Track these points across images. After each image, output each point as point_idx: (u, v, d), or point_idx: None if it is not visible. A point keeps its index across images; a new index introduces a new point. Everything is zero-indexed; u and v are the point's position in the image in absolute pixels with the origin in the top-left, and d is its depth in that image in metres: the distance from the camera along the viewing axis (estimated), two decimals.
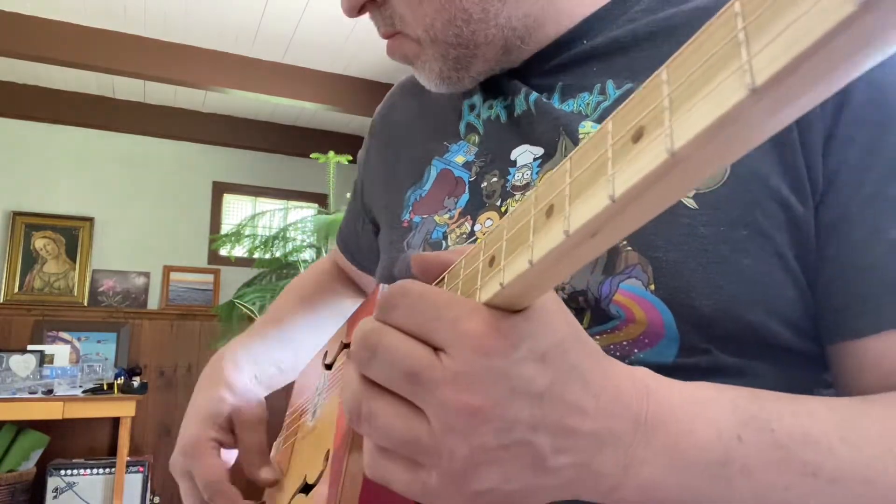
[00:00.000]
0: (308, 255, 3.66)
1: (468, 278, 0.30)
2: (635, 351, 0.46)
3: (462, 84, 0.60)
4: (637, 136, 0.18)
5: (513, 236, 0.26)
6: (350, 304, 0.91)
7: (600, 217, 0.19)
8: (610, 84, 0.54)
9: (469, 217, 0.58)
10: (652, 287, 0.46)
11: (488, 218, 0.56)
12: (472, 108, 0.65)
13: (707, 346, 0.46)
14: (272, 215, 3.78)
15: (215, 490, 0.60)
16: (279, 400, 0.73)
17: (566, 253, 0.22)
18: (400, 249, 0.62)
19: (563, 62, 0.57)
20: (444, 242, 0.58)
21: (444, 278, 0.34)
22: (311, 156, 3.75)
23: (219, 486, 0.60)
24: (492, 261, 0.28)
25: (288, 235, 3.63)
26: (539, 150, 0.56)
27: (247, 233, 3.72)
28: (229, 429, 0.64)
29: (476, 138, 0.62)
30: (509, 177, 0.56)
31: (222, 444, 0.63)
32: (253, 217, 3.75)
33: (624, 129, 0.19)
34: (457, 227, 0.58)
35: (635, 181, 0.17)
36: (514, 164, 0.57)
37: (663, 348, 0.46)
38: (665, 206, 0.19)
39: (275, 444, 0.78)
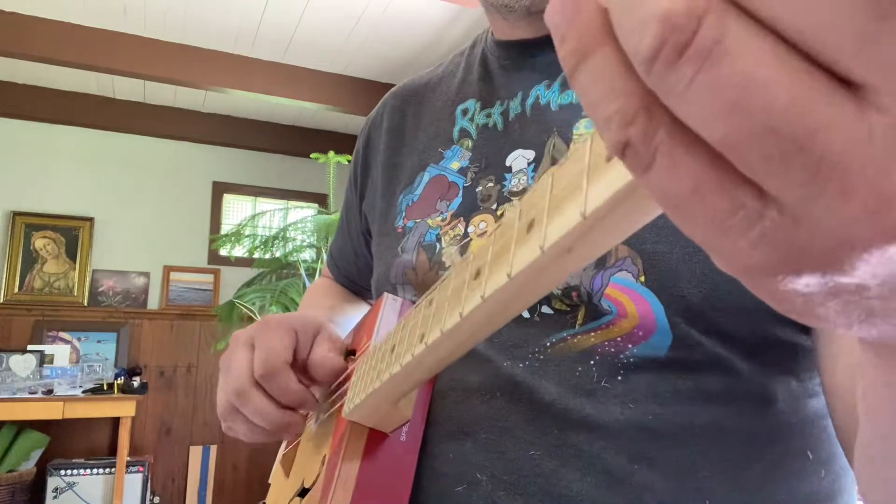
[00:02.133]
0: (308, 255, 3.67)
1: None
2: (629, 346, 0.47)
3: None
4: (609, 156, 0.18)
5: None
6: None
7: (572, 233, 0.19)
8: None
9: (462, 219, 0.58)
10: (642, 279, 0.47)
11: (482, 220, 0.57)
12: (465, 112, 0.65)
13: (699, 339, 0.46)
14: (272, 215, 3.78)
15: (272, 366, 0.54)
16: None
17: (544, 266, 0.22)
18: (395, 255, 0.63)
19: None
20: (437, 245, 0.59)
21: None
22: (311, 156, 3.75)
23: (277, 362, 0.54)
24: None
25: (288, 235, 3.63)
26: (531, 154, 0.57)
27: (247, 233, 3.72)
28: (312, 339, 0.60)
29: (469, 143, 0.63)
30: (506, 182, 0.57)
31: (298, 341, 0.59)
32: (253, 217, 3.76)
33: (601, 147, 0.19)
34: (450, 229, 0.59)
35: (604, 199, 0.17)
36: (509, 169, 0.58)
37: (656, 341, 0.47)
38: (633, 228, 0.19)
39: (282, 444, 0.78)
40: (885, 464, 0.26)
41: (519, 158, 0.57)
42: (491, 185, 0.58)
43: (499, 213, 0.56)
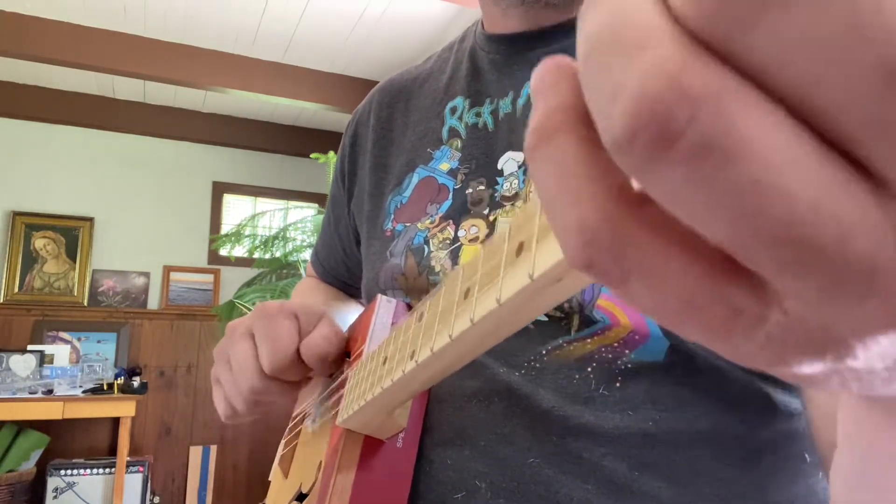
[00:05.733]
0: (308, 255, 3.67)
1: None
2: (626, 351, 0.47)
3: None
4: None
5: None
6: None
7: (563, 263, 0.19)
8: None
9: (451, 222, 0.57)
10: None
11: (473, 225, 0.56)
12: (453, 111, 0.64)
13: (694, 348, 0.46)
14: (272, 215, 3.78)
15: (282, 356, 0.53)
16: None
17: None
18: (384, 259, 0.62)
19: (564, 47, 0.57)
20: (425, 248, 0.58)
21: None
22: (311, 156, 3.75)
23: (288, 351, 0.53)
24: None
25: (288, 235, 3.63)
26: (521, 156, 0.56)
27: (247, 233, 3.72)
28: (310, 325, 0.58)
29: (458, 143, 0.61)
30: (497, 186, 0.56)
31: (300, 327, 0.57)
32: (253, 217, 3.76)
33: None
34: (439, 231, 0.58)
35: None
36: (500, 172, 0.56)
37: (653, 345, 0.46)
38: None
39: (280, 445, 0.78)
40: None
41: (510, 161, 0.56)
42: (482, 188, 0.57)
43: (491, 218, 0.55)
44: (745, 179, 0.11)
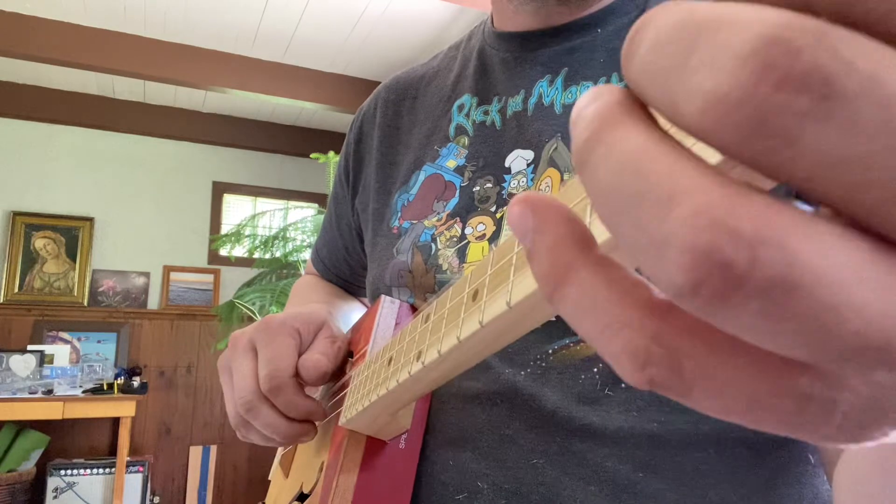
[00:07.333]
0: (308, 255, 3.66)
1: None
2: None
3: None
4: None
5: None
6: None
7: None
8: (615, 77, 0.54)
9: (458, 219, 0.57)
10: None
11: (480, 222, 0.56)
12: (461, 108, 0.64)
13: None
14: (272, 215, 3.78)
15: (278, 381, 0.51)
16: None
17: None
18: (390, 256, 0.61)
19: (575, 46, 0.57)
20: (433, 245, 0.57)
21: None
22: (311, 156, 3.75)
23: (283, 377, 0.52)
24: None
25: (288, 235, 3.63)
26: (530, 154, 0.55)
27: (247, 233, 3.72)
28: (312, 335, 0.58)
29: (465, 140, 0.61)
30: (505, 184, 0.56)
31: (301, 342, 0.56)
32: (253, 217, 3.76)
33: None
34: (446, 229, 0.57)
35: (608, 235, 0.17)
36: (508, 171, 0.56)
37: None
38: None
39: None
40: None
41: (518, 159, 0.56)
42: (490, 185, 0.56)
43: (498, 215, 0.55)
44: (817, 304, 0.10)
